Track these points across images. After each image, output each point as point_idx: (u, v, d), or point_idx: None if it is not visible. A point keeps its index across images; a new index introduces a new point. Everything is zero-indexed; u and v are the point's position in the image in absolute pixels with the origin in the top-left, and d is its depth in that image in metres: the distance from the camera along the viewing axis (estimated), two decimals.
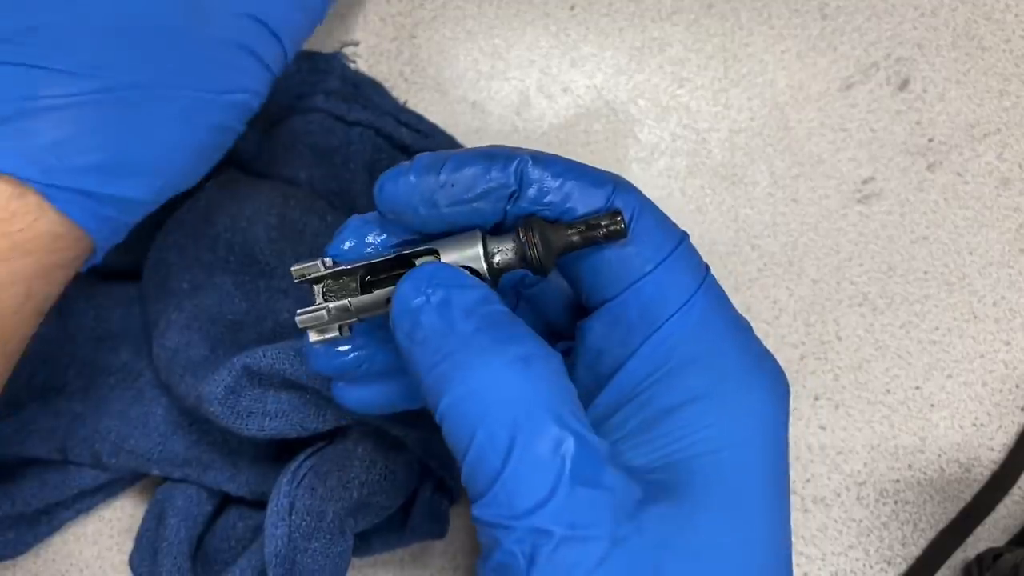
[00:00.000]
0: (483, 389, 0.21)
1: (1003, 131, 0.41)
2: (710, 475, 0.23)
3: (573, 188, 0.24)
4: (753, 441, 0.24)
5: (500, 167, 0.23)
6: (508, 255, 0.23)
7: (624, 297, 0.24)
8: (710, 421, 0.23)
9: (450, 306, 0.22)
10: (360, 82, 0.40)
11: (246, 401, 0.31)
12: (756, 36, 0.41)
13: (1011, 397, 0.39)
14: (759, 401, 0.24)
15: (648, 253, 0.24)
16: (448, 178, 0.24)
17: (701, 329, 0.24)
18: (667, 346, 0.24)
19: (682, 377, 0.24)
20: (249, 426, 0.31)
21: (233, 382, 0.31)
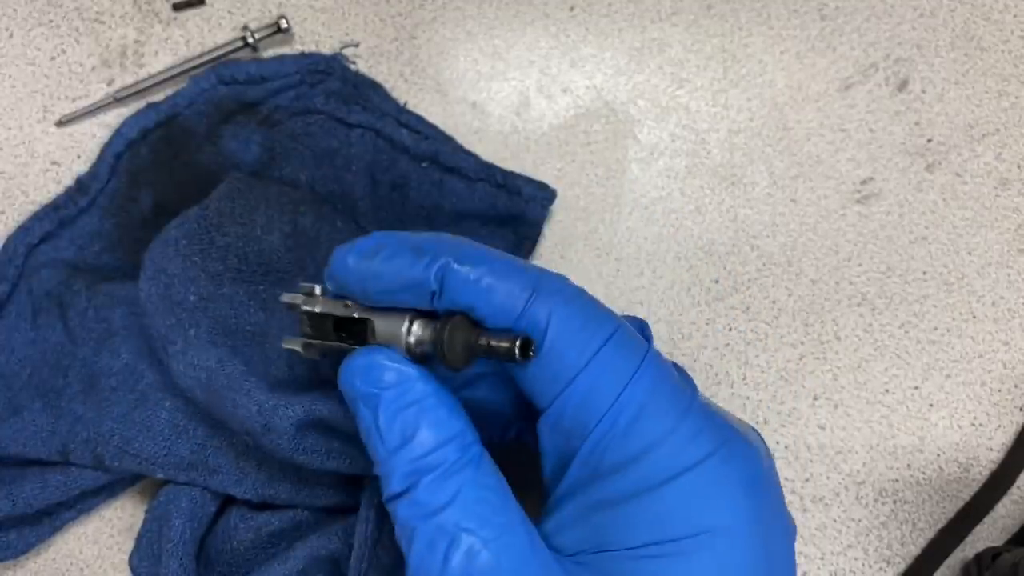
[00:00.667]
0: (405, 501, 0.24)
1: (1002, 131, 0.41)
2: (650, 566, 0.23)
3: (492, 295, 0.24)
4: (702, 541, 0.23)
5: (424, 266, 0.24)
6: (425, 346, 0.25)
7: (555, 407, 0.24)
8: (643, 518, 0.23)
9: (376, 412, 0.25)
10: (360, 83, 0.40)
11: (311, 439, 0.32)
12: (755, 37, 0.42)
13: (1010, 397, 0.40)
14: (708, 496, 0.23)
15: (569, 362, 0.24)
16: (378, 268, 0.25)
17: (634, 425, 0.24)
18: (600, 449, 0.24)
19: (616, 477, 0.24)
20: (311, 462, 0.32)
21: (306, 421, 0.31)
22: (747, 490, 0.24)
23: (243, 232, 0.34)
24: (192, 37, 0.41)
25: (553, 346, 0.24)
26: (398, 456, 0.24)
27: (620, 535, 0.23)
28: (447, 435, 0.24)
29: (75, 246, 0.38)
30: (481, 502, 0.24)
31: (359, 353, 0.25)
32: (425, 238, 0.25)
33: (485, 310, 0.24)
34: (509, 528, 0.24)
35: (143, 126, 0.39)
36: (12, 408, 0.35)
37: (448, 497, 0.24)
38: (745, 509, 0.24)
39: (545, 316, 0.24)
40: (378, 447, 0.25)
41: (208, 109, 0.39)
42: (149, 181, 0.39)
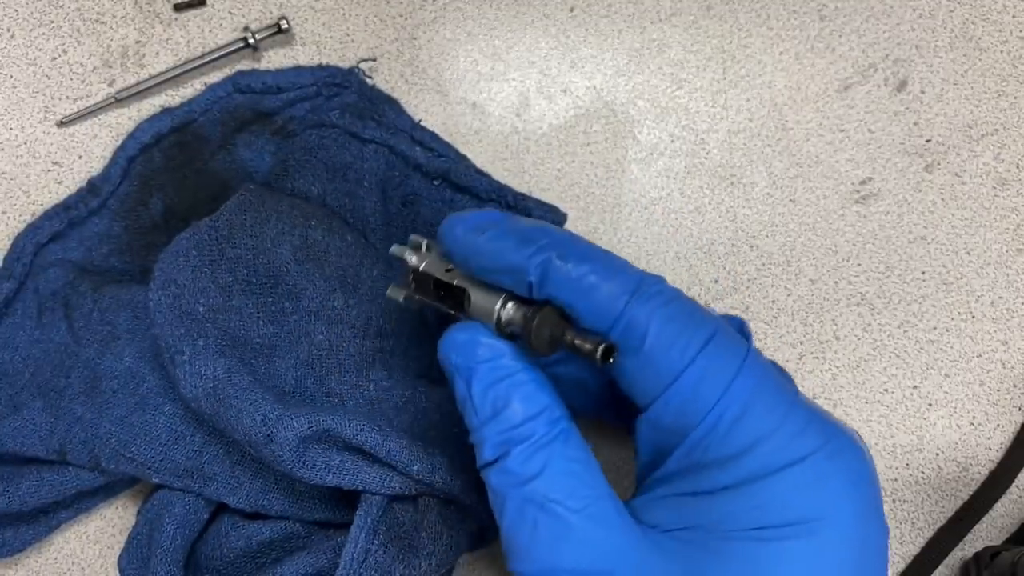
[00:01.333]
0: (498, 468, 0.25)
1: (1001, 132, 0.41)
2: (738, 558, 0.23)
3: (592, 294, 0.24)
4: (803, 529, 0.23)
5: (528, 255, 0.25)
6: (515, 327, 0.26)
7: (656, 406, 0.25)
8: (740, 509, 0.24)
9: (470, 383, 0.26)
10: (376, 98, 0.40)
11: (313, 453, 0.32)
12: (754, 37, 0.42)
13: (1008, 396, 0.40)
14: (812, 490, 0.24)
15: (670, 363, 0.24)
16: (483, 246, 0.26)
17: (738, 427, 0.24)
18: (702, 447, 0.24)
19: (716, 474, 0.24)
20: (311, 476, 0.32)
21: (310, 434, 0.31)
22: (850, 486, 0.24)
23: (253, 244, 0.34)
24: (193, 38, 0.41)
25: (654, 347, 0.24)
26: (490, 426, 0.25)
27: (717, 519, 0.24)
28: (536, 409, 0.25)
29: (83, 247, 0.39)
30: (569, 474, 0.24)
31: (456, 328, 0.27)
32: (535, 227, 0.26)
33: (584, 308, 0.25)
34: (596, 500, 0.24)
35: (157, 131, 0.39)
36: (12, 406, 0.36)
37: (538, 468, 0.24)
38: (846, 504, 0.24)
39: (645, 318, 0.24)
40: (472, 417, 0.26)
41: (223, 117, 0.39)
42: (161, 186, 0.39)
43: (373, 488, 0.32)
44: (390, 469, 0.32)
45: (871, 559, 0.24)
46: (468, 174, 0.39)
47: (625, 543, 0.24)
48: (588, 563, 0.24)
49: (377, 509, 0.32)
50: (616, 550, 0.24)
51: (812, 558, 0.23)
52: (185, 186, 0.39)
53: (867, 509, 0.24)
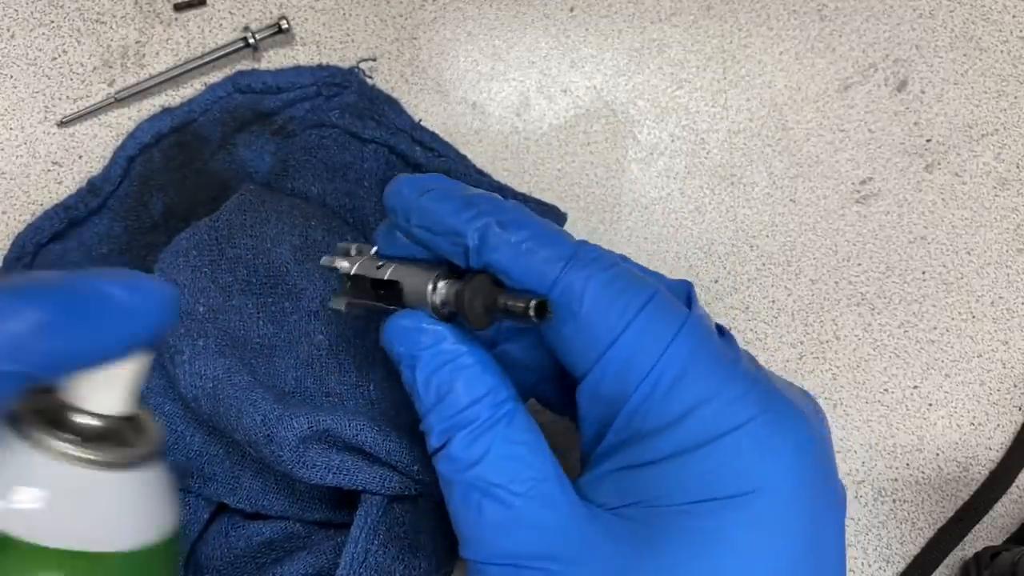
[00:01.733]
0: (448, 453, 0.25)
1: (1001, 132, 0.41)
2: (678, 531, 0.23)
3: (529, 259, 0.24)
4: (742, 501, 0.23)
5: (468, 218, 0.24)
6: (451, 307, 0.25)
7: (593, 373, 0.24)
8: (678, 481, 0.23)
9: (414, 373, 0.26)
10: (376, 98, 0.40)
11: (313, 453, 0.31)
12: (755, 37, 0.42)
13: (1009, 396, 0.40)
14: (751, 458, 0.23)
15: (607, 327, 0.24)
16: (426, 204, 0.25)
17: (674, 389, 0.24)
18: (639, 414, 0.24)
19: (654, 442, 0.24)
20: (311, 476, 0.31)
21: (310, 434, 0.31)
22: (792, 455, 0.24)
23: (253, 244, 0.34)
24: (193, 38, 0.41)
25: (591, 312, 0.24)
26: (434, 413, 0.25)
27: (659, 492, 0.24)
28: (479, 393, 0.25)
29: (84, 247, 0.39)
30: (511, 458, 0.24)
31: (397, 316, 0.26)
32: (478, 194, 0.26)
33: (520, 275, 0.24)
34: (540, 482, 0.24)
35: (157, 131, 0.39)
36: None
37: (480, 453, 0.24)
38: (790, 472, 0.23)
39: (582, 283, 0.24)
40: (418, 405, 0.26)
41: (223, 117, 0.39)
42: (161, 186, 0.39)
43: (373, 488, 0.32)
44: (390, 469, 0.32)
45: (822, 530, 0.24)
46: (468, 174, 0.39)
47: (570, 524, 0.24)
48: (533, 546, 0.24)
49: (377, 509, 0.32)
50: (560, 532, 0.24)
51: (753, 532, 0.23)
52: (185, 186, 0.39)
53: (813, 478, 0.24)
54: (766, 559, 0.23)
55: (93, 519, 0.21)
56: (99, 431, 0.21)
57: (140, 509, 0.22)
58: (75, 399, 0.21)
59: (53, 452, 0.20)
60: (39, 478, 0.20)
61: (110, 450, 0.21)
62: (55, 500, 0.20)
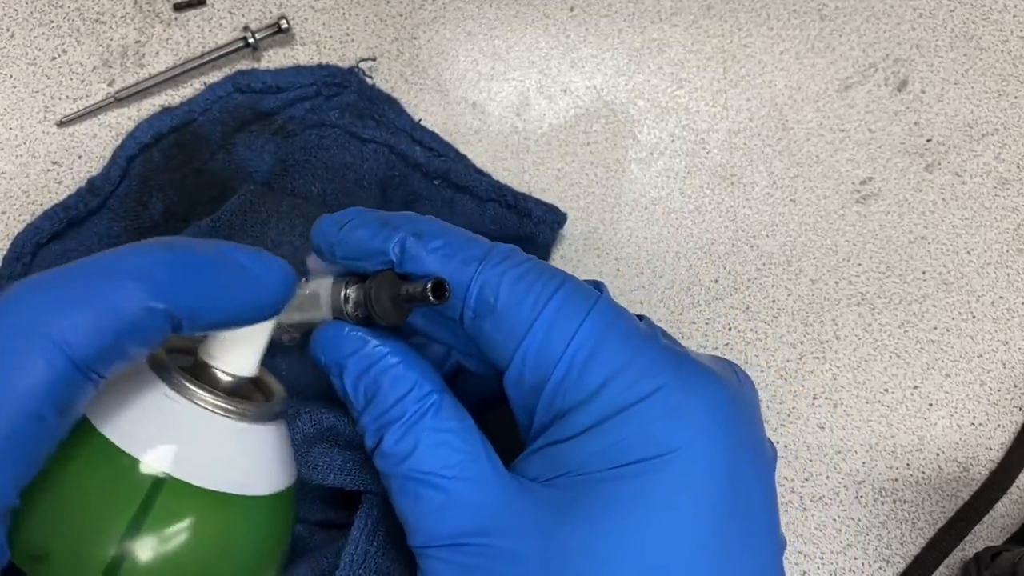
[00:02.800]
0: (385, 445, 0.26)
1: (1001, 131, 0.41)
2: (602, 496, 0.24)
3: (445, 264, 0.26)
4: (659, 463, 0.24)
5: (384, 237, 0.26)
6: (362, 307, 0.27)
7: (515, 363, 0.26)
8: (598, 449, 0.24)
9: (344, 379, 0.27)
10: (376, 97, 0.40)
11: (316, 453, 0.32)
12: (755, 37, 0.42)
13: (1009, 396, 0.40)
14: (664, 422, 0.24)
15: (521, 317, 0.25)
16: (346, 236, 0.27)
17: (586, 368, 0.25)
18: (557, 396, 0.25)
19: (573, 418, 0.25)
20: (313, 476, 0.32)
21: (313, 433, 0.31)
22: (706, 417, 0.25)
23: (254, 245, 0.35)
24: (193, 37, 0.41)
25: (506, 305, 0.25)
26: (366, 414, 0.27)
27: (582, 462, 0.25)
28: (404, 389, 0.26)
29: (83, 247, 0.38)
30: (440, 445, 0.26)
31: (320, 329, 0.28)
32: (393, 215, 0.27)
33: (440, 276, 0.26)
34: (470, 463, 0.26)
35: (157, 131, 0.39)
36: None
37: (411, 446, 0.26)
38: (703, 433, 0.24)
39: (496, 279, 0.25)
40: (351, 410, 0.27)
41: (223, 116, 0.39)
42: (160, 186, 0.39)
43: (375, 488, 0.32)
44: None
45: (745, 489, 0.25)
46: (468, 174, 0.39)
47: (500, 499, 0.25)
48: (468, 524, 0.25)
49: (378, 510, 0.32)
50: (491, 507, 0.25)
51: (669, 492, 0.24)
52: (185, 186, 0.39)
53: (732, 439, 0.25)
54: (685, 518, 0.24)
55: (237, 465, 0.24)
56: (235, 387, 0.25)
57: (273, 459, 0.26)
58: (212, 358, 0.25)
59: (205, 403, 0.24)
60: (192, 425, 0.23)
61: (249, 405, 0.25)
62: (207, 446, 0.23)
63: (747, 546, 0.25)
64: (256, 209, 0.35)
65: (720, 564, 0.24)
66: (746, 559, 0.25)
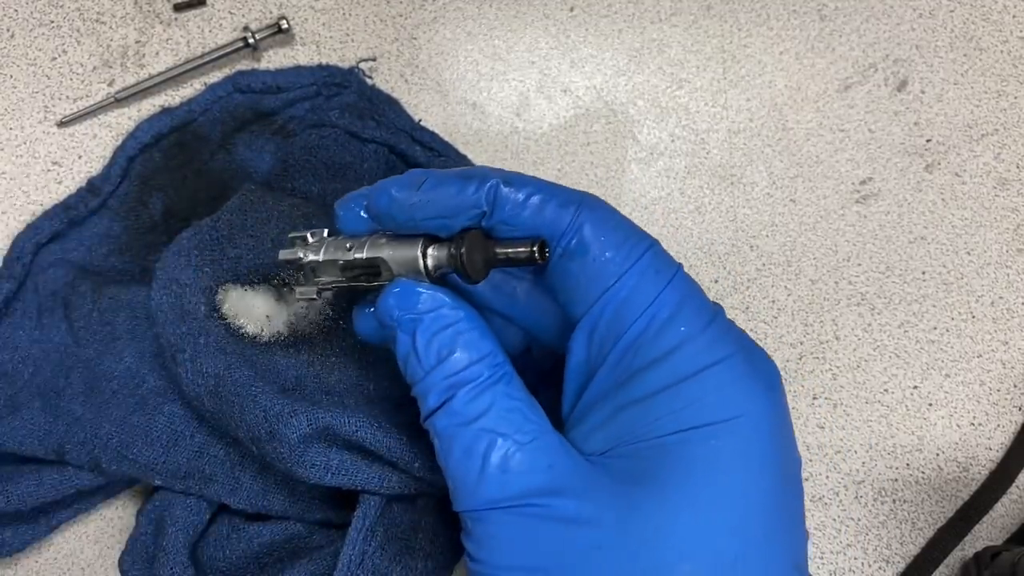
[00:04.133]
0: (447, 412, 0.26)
1: (1001, 132, 0.41)
2: (675, 459, 0.25)
3: (541, 211, 0.26)
4: (729, 426, 0.25)
5: (473, 189, 0.26)
6: (443, 262, 0.26)
7: (595, 309, 0.26)
8: (669, 411, 0.25)
9: (414, 335, 0.27)
10: (376, 98, 0.40)
11: (313, 453, 0.32)
12: (754, 37, 0.42)
13: (1009, 396, 0.40)
14: (727, 387, 0.25)
15: (613, 266, 0.26)
16: (426, 196, 0.26)
17: (664, 330, 0.26)
18: (631, 352, 0.26)
19: (643, 376, 0.26)
20: (311, 476, 0.32)
21: (310, 432, 0.31)
22: (766, 388, 0.26)
23: (254, 244, 0.35)
24: (193, 37, 0.41)
25: (600, 252, 0.26)
26: (435, 374, 0.26)
27: (649, 426, 0.25)
28: (479, 354, 0.26)
29: (83, 247, 0.38)
30: (514, 411, 0.26)
31: (395, 284, 0.27)
32: (470, 168, 0.27)
33: (534, 225, 0.26)
34: (541, 433, 0.26)
35: (157, 131, 0.39)
36: (11, 406, 0.36)
37: (485, 406, 0.26)
38: (764, 403, 0.25)
39: (592, 225, 0.26)
40: (416, 368, 0.27)
41: (223, 116, 0.39)
42: (161, 186, 0.39)
43: (372, 487, 0.32)
44: (390, 468, 0.32)
45: (790, 456, 0.26)
46: None
47: (572, 466, 0.26)
48: (539, 484, 0.25)
49: (375, 510, 0.32)
50: (565, 472, 0.25)
51: (739, 455, 0.25)
52: (185, 186, 0.39)
53: (781, 411, 0.26)
54: (754, 480, 0.25)
55: None
56: None
57: None
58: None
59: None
60: None
61: None
62: None
63: (794, 503, 0.26)
64: (256, 209, 0.35)
65: (781, 514, 0.25)
66: (793, 511, 0.26)
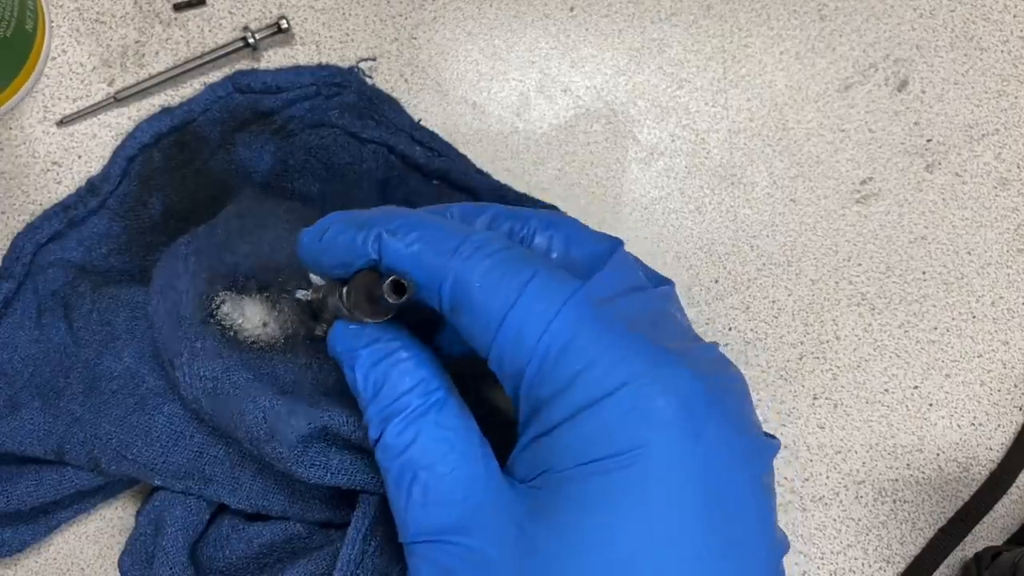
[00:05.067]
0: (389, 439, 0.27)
1: (1001, 132, 0.41)
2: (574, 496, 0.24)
3: (420, 259, 0.26)
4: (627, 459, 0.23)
5: (362, 239, 0.26)
6: (340, 309, 0.28)
7: (494, 352, 0.26)
8: (569, 443, 0.24)
9: (353, 366, 0.28)
10: (376, 97, 0.40)
11: (312, 453, 0.32)
12: (755, 37, 0.42)
13: (1009, 397, 0.40)
14: (634, 415, 0.24)
15: (498, 303, 0.25)
16: (327, 244, 0.27)
17: (559, 361, 0.24)
18: (532, 389, 0.25)
19: (551, 407, 0.25)
20: (310, 475, 0.32)
21: (308, 432, 0.31)
22: (678, 409, 0.24)
23: (251, 251, 0.34)
24: (193, 37, 0.41)
25: (479, 297, 0.25)
26: (372, 406, 0.27)
27: (557, 458, 0.24)
28: (411, 383, 0.27)
29: (83, 247, 0.38)
30: (440, 441, 0.26)
31: (338, 323, 0.29)
32: (369, 212, 0.28)
33: (418, 275, 0.26)
34: (465, 463, 0.26)
35: (157, 131, 0.39)
36: (11, 406, 0.35)
37: (410, 438, 0.26)
38: (674, 427, 0.24)
39: (468, 271, 0.25)
40: (360, 402, 0.28)
41: (223, 117, 0.39)
42: (160, 186, 0.39)
43: (371, 488, 0.32)
44: None
45: (725, 483, 0.24)
46: (468, 174, 0.39)
47: (486, 500, 0.25)
48: (449, 520, 0.25)
49: (374, 510, 0.32)
50: (476, 507, 0.25)
51: (637, 489, 0.23)
52: (185, 186, 0.39)
53: (706, 432, 0.24)
54: (656, 514, 0.23)
55: None
56: None
57: None
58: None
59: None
60: None
61: None
62: None
63: (731, 541, 0.24)
64: (253, 214, 0.35)
65: (702, 560, 0.23)
66: (731, 554, 0.24)
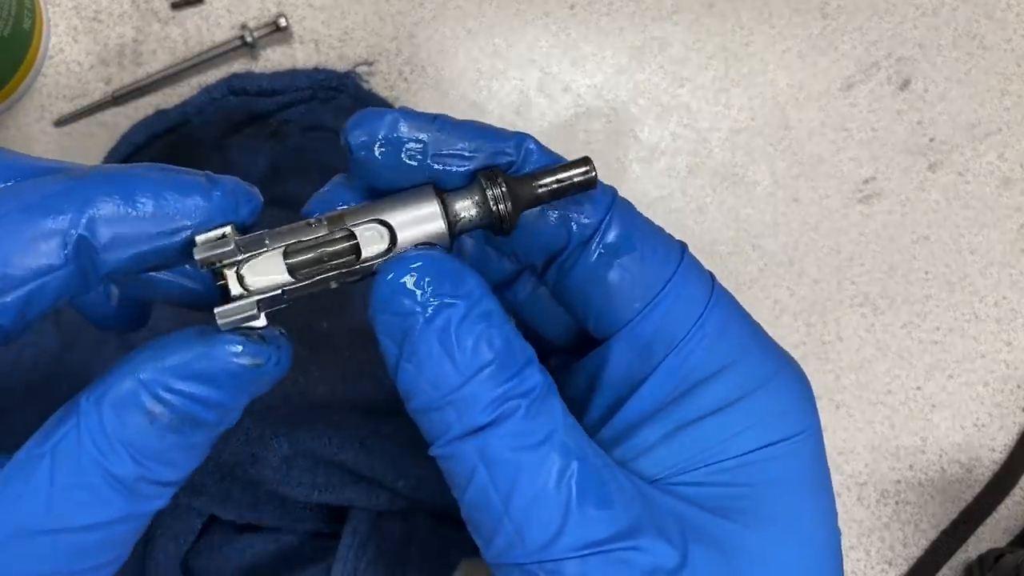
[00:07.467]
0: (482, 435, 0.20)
1: (1004, 131, 0.41)
2: (748, 485, 0.23)
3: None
4: (788, 444, 0.23)
5: (504, 138, 0.22)
6: (470, 212, 0.20)
7: (640, 319, 0.23)
8: (739, 429, 0.23)
9: (448, 330, 0.19)
10: (372, 102, 0.40)
11: (297, 471, 0.32)
12: (757, 35, 0.41)
13: (1012, 397, 0.39)
14: (787, 403, 0.24)
15: (655, 271, 0.23)
16: (445, 136, 0.21)
17: (718, 341, 0.23)
18: (687, 363, 0.23)
19: (704, 390, 0.23)
20: (298, 495, 0.32)
21: (291, 453, 0.31)
22: (810, 400, 0.24)
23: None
24: (190, 36, 0.40)
25: (644, 254, 0.23)
26: (478, 380, 0.19)
27: (723, 445, 0.22)
28: (529, 354, 0.21)
29: None
30: (574, 427, 0.21)
31: (416, 258, 0.20)
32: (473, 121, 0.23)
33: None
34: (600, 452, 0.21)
35: (151, 132, 0.39)
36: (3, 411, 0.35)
37: (551, 423, 0.20)
38: (812, 414, 0.24)
39: (630, 219, 0.23)
40: (446, 373, 0.20)
41: (217, 119, 0.39)
42: None
43: (361, 503, 0.32)
44: (377, 484, 0.32)
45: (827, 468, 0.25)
46: None
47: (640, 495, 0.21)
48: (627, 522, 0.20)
49: (365, 525, 0.32)
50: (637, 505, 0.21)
51: (810, 465, 0.23)
52: None
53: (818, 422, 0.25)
54: (826, 494, 0.24)
55: None
56: None
57: None
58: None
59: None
60: None
61: None
62: None
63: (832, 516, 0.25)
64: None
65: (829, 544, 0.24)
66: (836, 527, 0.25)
